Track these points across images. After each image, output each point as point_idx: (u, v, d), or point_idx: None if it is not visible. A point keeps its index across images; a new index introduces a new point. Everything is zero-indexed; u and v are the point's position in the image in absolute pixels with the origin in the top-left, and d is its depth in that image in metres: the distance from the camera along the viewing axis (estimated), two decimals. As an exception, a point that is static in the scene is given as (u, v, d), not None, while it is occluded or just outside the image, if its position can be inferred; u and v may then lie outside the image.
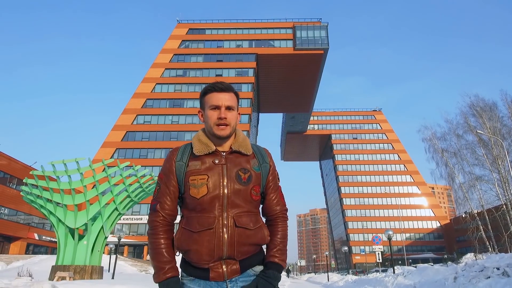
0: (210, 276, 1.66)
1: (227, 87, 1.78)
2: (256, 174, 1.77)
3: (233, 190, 1.68)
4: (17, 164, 42.60)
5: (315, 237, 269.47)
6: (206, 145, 1.76)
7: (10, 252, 41.34)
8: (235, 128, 1.82)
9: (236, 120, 1.79)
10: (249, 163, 1.77)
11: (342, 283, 22.96)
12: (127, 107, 65.27)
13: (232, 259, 1.67)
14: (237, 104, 1.81)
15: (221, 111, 1.74)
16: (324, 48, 71.22)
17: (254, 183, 1.74)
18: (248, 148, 1.81)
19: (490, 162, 27.34)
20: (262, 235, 1.75)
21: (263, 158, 1.84)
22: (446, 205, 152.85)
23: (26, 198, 16.96)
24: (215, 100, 1.75)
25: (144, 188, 18.37)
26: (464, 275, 8.67)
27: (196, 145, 1.77)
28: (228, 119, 1.74)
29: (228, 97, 1.76)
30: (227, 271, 1.66)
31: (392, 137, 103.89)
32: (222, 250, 1.63)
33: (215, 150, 1.75)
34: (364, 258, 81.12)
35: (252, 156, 1.81)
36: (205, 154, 1.74)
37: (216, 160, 1.73)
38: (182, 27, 74.87)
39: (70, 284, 10.59)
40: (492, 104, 29.58)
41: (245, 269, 1.71)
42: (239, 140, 1.81)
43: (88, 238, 16.47)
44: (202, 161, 1.73)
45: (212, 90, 1.78)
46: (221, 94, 1.76)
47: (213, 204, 1.67)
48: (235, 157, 1.77)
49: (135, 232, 55.50)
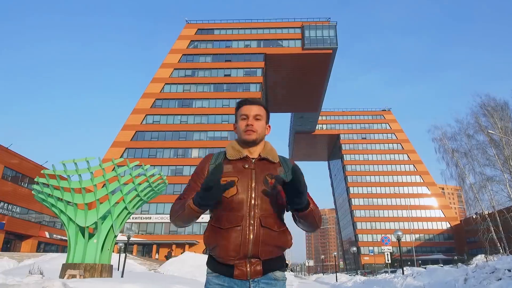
0: (234, 274, 1.77)
1: (256, 101, 2.02)
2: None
3: (261, 193, 1.82)
4: (29, 163, 43.17)
5: (323, 238, 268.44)
6: (238, 151, 1.95)
7: (21, 250, 41.89)
8: (263, 137, 2.01)
9: (263, 129, 1.99)
10: (276, 170, 1.94)
11: (351, 283, 22.85)
12: (137, 107, 65.72)
13: (256, 257, 1.77)
14: (266, 116, 2.02)
15: (249, 119, 1.96)
16: (332, 48, 70.93)
17: (279, 188, 1.83)
18: (275, 156, 1.99)
19: (501, 162, 26.97)
20: (286, 239, 1.86)
21: (289, 167, 1.99)
22: (456, 206, 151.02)
23: (37, 197, 17.16)
24: (244, 111, 1.98)
25: (153, 188, 18.46)
26: (474, 276, 8.58)
27: (229, 151, 1.97)
28: (255, 126, 1.94)
29: (256, 108, 1.99)
30: (251, 271, 1.77)
31: (401, 137, 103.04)
32: (247, 247, 1.74)
33: (245, 156, 1.94)
34: (373, 258, 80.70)
35: (278, 164, 1.99)
36: (236, 159, 1.93)
37: (246, 165, 1.91)
38: (190, 27, 75.16)
39: (80, 282, 10.71)
40: (504, 103, 29.16)
41: (267, 272, 1.81)
42: (267, 149, 2.00)
43: (98, 237, 16.60)
44: (234, 165, 1.91)
45: (243, 103, 2.01)
46: (250, 106, 1.99)
47: (241, 204, 1.80)
48: (263, 163, 1.94)
49: (144, 231, 55.88)
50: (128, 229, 25.44)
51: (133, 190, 17.82)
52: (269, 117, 2.05)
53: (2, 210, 38.41)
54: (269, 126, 2.06)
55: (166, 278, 16.25)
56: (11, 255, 28.92)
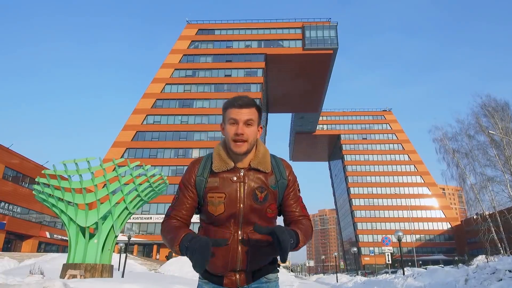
0: (224, 283, 1.74)
1: (247, 103, 1.74)
2: (273, 192, 1.79)
3: (249, 208, 1.72)
4: (30, 164, 43.20)
5: (323, 238, 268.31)
6: (225, 162, 1.76)
7: (22, 250, 41.91)
8: (255, 143, 1.79)
9: (255, 135, 1.76)
10: (267, 180, 1.77)
11: (351, 284, 22.82)
12: (137, 107, 65.80)
13: (245, 271, 1.74)
14: (257, 119, 1.78)
15: (239, 126, 1.71)
16: (333, 48, 70.94)
17: (270, 201, 1.77)
18: (267, 165, 1.79)
19: (502, 163, 26.94)
20: (276, 249, 1.74)
21: (281, 174, 1.82)
22: (457, 206, 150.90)
23: (38, 197, 17.16)
24: (234, 114, 1.72)
25: (153, 188, 18.47)
26: (475, 277, 8.57)
27: (216, 162, 1.77)
28: (245, 134, 1.71)
29: (247, 112, 1.73)
30: (240, 279, 1.74)
31: (402, 138, 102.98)
32: (236, 264, 1.70)
33: (233, 167, 1.76)
34: (373, 259, 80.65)
35: (270, 173, 1.80)
36: (223, 171, 1.76)
37: (234, 177, 1.75)
38: (191, 27, 75.21)
39: (81, 282, 10.71)
40: (504, 104, 29.12)
41: (258, 278, 1.78)
42: (259, 156, 1.79)
43: (98, 237, 16.61)
44: (220, 178, 1.75)
45: (232, 106, 1.74)
46: (240, 110, 1.72)
47: (229, 220, 1.72)
48: (254, 174, 1.77)
49: (145, 231, 55.92)
50: (129, 229, 25.46)
51: (133, 190, 17.83)
52: (261, 116, 1.82)
53: (2, 210, 38.42)
54: (261, 128, 1.82)
55: (166, 278, 16.25)
56: (11, 255, 28.94)
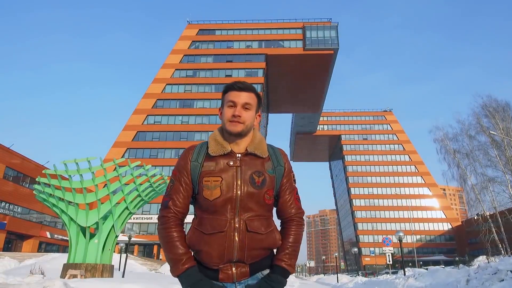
0: (219, 277, 1.67)
1: (247, 87, 1.75)
2: (270, 177, 1.74)
3: (247, 193, 1.67)
4: (30, 163, 43.22)
5: (324, 238, 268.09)
6: (221, 145, 1.73)
7: (22, 250, 41.93)
8: (251, 128, 1.78)
9: (252, 119, 1.75)
10: (264, 166, 1.75)
11: (352, 284, 22.79)
12: (138, 108, 65.82)
13: (242, 262, 1.67)
14: (256, 105, 1.77)
15: (237, 108, 1.71)
16: (334, 48, 70.91)
17: (268, 186, 1.72)
18: (263, 150, 1.77)
19: (503, 163, 26.91)
20: (274, 239, 1.73)
21: (278, 161, 1.80)
22: (457, 206, 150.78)
23: (38, 197, 17.18)
24: (232, 97, 1.73)
25: (154, 188, 18.48)
26: (476, 277, 8.55)
27: (212, 145, 1.75)
28: (243, 117, 1.70)
29: (246, 95, 1.73)
30: (236, 273, 1.67)
31: (402, 138, 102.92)
32: (232, 253, 1.64)
33: (230, 151, 1.73)
34: (374, 259, 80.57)
35: (267, 158, 1.78)
36: (220, 155, 1.72)
37: (230, 161, 1.71)
38: (192, 28, 75.24)
39: (81, 282, 10.71)
40: (505, 104, 29.13)
41: (254, 272, 1.71)
42: (255, 141, 1.78)
43: (99, 237, 16.62)
44: (217, 162, 1.71)
45: (231, 88, 1.75)
46: (239, 92, 1.73)
47: (225, 206, 1.66)
48: (250, 159, 1.74)
49: (145, 231, 55.87)
50: (129, 229, 25.46)
51: (134, 190, 17.85)
52: (260, 104, 1.81)
53: (3, 210, 38.45)
54: (259, 115, 1.81)
55: (166, 278, 16.24)
56: (12, 255, 28.95)
